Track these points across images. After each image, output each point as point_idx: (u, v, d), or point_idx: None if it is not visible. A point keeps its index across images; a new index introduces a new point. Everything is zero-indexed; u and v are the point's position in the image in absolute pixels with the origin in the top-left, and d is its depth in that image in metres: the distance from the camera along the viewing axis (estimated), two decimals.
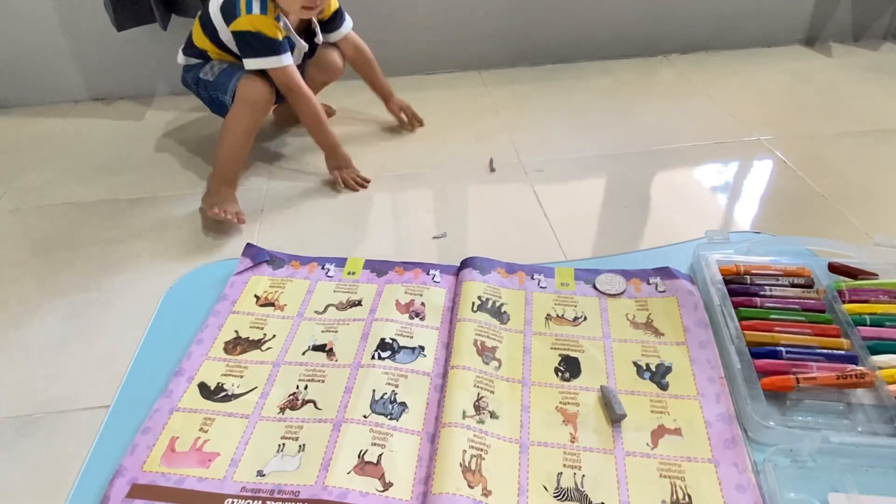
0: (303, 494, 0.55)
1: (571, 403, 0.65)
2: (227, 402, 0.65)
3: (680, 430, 0.63)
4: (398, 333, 0.72)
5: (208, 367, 0.70)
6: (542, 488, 0.58)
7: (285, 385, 0.67)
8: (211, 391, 0.66)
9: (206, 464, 0.58)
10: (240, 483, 0.57)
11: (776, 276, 0.78)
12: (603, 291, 0.80)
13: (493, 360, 0.69)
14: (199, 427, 0.62)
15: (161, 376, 0.68)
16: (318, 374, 0.68)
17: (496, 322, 0.74)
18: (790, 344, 0.69)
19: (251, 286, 0.82)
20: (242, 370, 0.69)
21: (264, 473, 0.58)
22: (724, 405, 0.64)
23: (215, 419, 0.63)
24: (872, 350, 0.68)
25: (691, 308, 0.75)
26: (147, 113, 2.08)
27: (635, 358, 0.71)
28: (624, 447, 0.62)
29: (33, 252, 1.43)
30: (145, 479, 0.57)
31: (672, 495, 0.57)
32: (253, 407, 0.64)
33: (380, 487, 0.56)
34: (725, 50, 2.37)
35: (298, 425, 0.62)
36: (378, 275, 0.82)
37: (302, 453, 0.60)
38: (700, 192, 1.54)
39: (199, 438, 0.61)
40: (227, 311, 0.77)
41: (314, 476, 0.57)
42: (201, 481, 0.57)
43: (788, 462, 0.59)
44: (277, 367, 0.70)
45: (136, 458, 0.60)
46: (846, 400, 0.64)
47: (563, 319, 0.76)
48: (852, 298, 0.75)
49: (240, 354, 0.72)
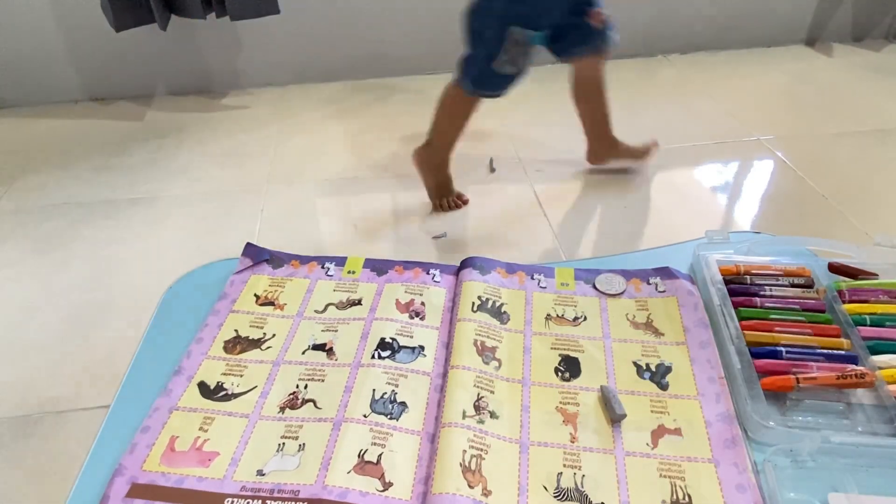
0: (303, 494, 0.55)
1: (571, 403, 0.65)
2: (227, 401, 0.65)
3: (680, 430, 0.62)
4: (398, 333, 0.71)
5: (208, 367, 0.70)
6: (542, 488, 0.57)
7: (285, 384, 0.67)
8: (211, 390, 0.66)
9: (206, 463, 0.58)
10: (240, 482, 0.57)
11: (776, 277, 0.78)
12: (603, 291, 0.79)
13: (493, 360, 0.69)
14: (199, 426, 0.62)
15: (161, 376, 0.67)
16: (318, 374, 0.68)
17: (496, 322, 0.73)
18: (790, 344, 0.69)
19: (251, 285, 0.81)
20: (242, 369, 0.69)
21: (264, 473, 0.57)
22: (724, 405, 0.63)
23: (215, 418, 0.63)
24: (872, 350, 0.68)
25: (691, 308, 0.75)
26: (147, 113, 2.08)
27: (635, 358, 0.70)
28: (624, 447, 0.61)
29: (33, 252, 1.43)
30: (145, 479, 0.57)
31: (672, 495, 0.57)
32: (253, 406, 0.64)
33: (380, 487, 0.56)
34: (725, 50, 2.37)
35: (298, 424, 0.62)
36: (378, 274, 0.82)
37: (302, 452, 0.59)
38: (700, 192, 1.54)
39: (199, 438, 0.61)
40: (227, 310, 0.77)
41: (314, 475, 0.57)
42: (201, 481, 0.57)
43: (788, 462, 0.59)
44: (277, 366, 0.70)
45: (136, 457, 0.59)
46: (846, 400, 0.64)
47: (563, 319, 0.75)
48: (852, 298, 0.74)
49: (239, 354, 0.71)
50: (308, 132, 1.92)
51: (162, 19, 1.91)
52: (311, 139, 1.88)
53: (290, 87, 2.22)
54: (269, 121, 1.98)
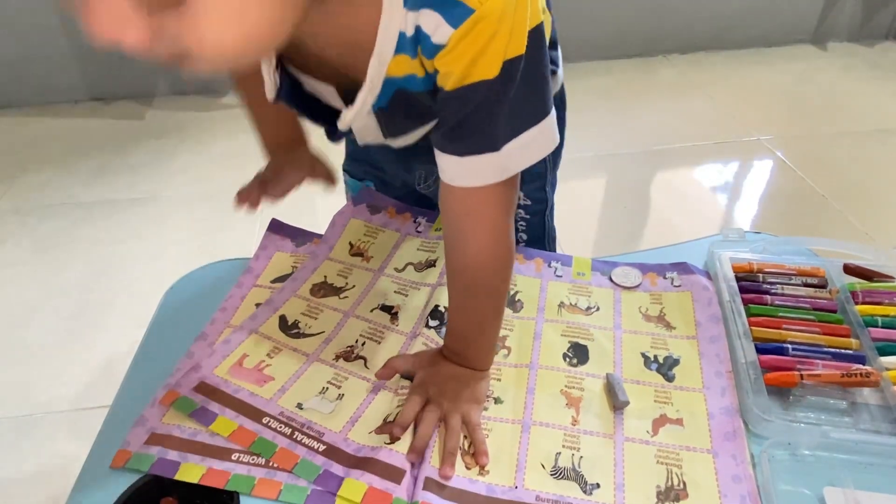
0: (325, 437, 0.60)
1: (576, 388, 0.66)
2: (297, 338, 0.70)
3: (682, 420, 0.63)
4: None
5: (293, 304, 0.74)
6: (539, 466, 0.59)
7: (348, 336, 0.70)
8: (288, 326, 0.72)
9: (261, 383, 0.65)
10: (280, 408, 0.62)
11: (789, 276, 0.78)
12: (618, 284, 0.80)
13: (501, 349, 0.70)
14: (267, 353, 0.68)
15: (161, 376, 0.68)
16: (377, 334, 0.71)
17: (509, 311, 0.75)
18: (797, 341, 0.69)
19: (349, 231, 0.86)
20: (318, 313, 0.74)
21: (303, 407, 0.62)
22: (728, 399, 0.64)
23: (282, 350, 0.69)
24: (882, 351, 0.67)
25: (705, 303, 0.75)
26: (147, 113, 2.08)
27: (644, 349, 0.71)
28: (624, 433, 0.62)
29: (33, 252, 1.42)
30: (212, 381, 0.64)
31: (667, 481, 0.58)
32: (314, 348, 0.69)
33: (388, 440, 0.59)
34: (725, 50, 2.37)
35: (345, 376, 0.66)
36: None
37: (338, 402, 0.64)
38: (700, 192, 1.54)
39: (263, 362, 0.67)
40: (325, 255, 0.81)
41: (341, 425, 0.61)
42: (252, 396, 0.63)
43: (787, 455, 0.59)
44: (347, 317, 0.74)
45: (212, 361, 0.67)
46: (851, 399, 0.64)
47: (575, 308, 0.76)
48: (866, 300, 0.74)
49: (322, 298, 0.76)
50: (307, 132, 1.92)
51: None
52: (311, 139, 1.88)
53: None
54: None
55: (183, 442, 0.61)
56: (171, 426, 0.62)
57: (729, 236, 0.84)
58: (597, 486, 0.57)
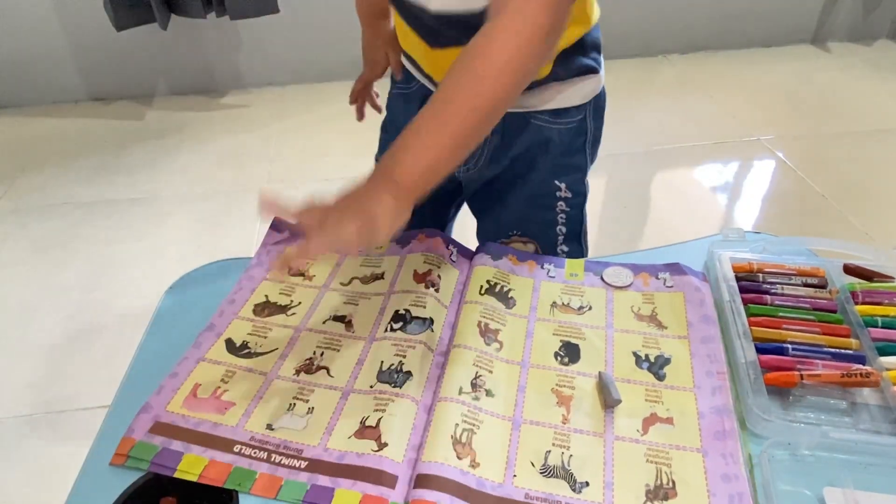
0: (305, 453, 0.58)
1: (567, 387, 0.66)
2: (249, 358, 0.69)
3: (672, 419, 0.63)
4: (412, 304, 0.74)
5: (237, 326, 0.73)
6: (529, 464, 0.59)
7: (303, 350, 0.70)
8: (236, 347, 0.70)
9: (222, 411, 0.63)
10: (249, 433, 0.60)
11: (789, 276, 0.78)
12: (610, 283, 0.80)
13: (494, 342, 0.70)
14: (221, 378, 0.66)
15: (161, 376, 0.68)
16: (334, 343, 0.71)
17: (502, 306, 0.75)
18: (797, 341, 0.69)
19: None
20: (267, 331, 0.72)
21: (273, 427, 0.61)
22: (719, 399, 0.64)
23: (236, 372, 0.67)
24: (882, 351, 0.68)
25: (697, 304, 0.75)
26: (147, 113, 2.08)
27: (635, 348, 0.71)
28: (614, 432, 0.63)
29: (33, 252, 1.42)
30: (167, 418, 0.62)
31: (656, 480, 0.58)
32: (271, 366, 0.67)
33: (375, 447, 0.58)
34: (725, 50, 2.37)
35: (310, 389, 0.65)
36: (402, 245, 0.84)
37: (310, 415, 0.62)
38: (700, 192, 1.54)
39: (220, 388, 0.65)
40: (261, 277, 0.80)
41: (318, 438, 0.60)
42: (216, 426, 0.61)
43: (787, 455, 0.59)
44: (299, 332, 0.73)
45: (162, 398, 0.64)
46: (851, 399, 0.64)
47: (568, 308, 0.77)
48: (866, 300, 0.74)
49: (267, 317, 0.74)
50: (308, 132, 1.92)
51: (162, 19, 1.91)
52: (311, 139, 1.88)
53: (290, 87, 2.21)
54: (269, 121, 1.98)
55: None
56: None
57: (729, 236, 0.84)
58: (586, 485, 0.57)
